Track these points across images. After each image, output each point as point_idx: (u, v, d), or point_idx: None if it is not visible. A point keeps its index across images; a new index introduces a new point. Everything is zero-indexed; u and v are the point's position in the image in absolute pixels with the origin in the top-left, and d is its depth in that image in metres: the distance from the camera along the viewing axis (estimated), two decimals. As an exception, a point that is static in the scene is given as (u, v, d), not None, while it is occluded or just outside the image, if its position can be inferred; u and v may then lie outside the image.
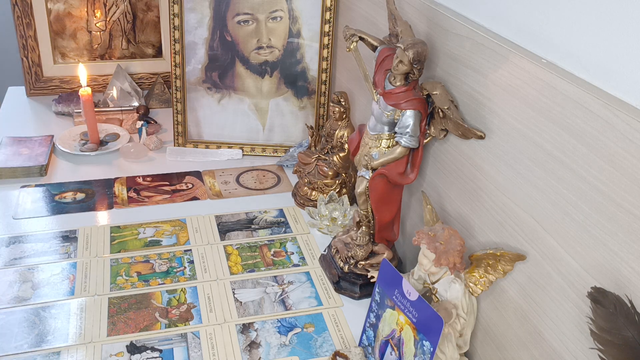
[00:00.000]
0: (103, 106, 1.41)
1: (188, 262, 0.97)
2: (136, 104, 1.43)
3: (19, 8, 1.37)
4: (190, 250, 1.00)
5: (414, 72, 0.77)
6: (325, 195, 1.09)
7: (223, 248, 1.01)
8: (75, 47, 1.47)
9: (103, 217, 1.08)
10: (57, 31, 1.44)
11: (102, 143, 1.29)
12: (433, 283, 0.74)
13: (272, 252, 1.01)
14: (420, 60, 0.75)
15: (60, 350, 0.79)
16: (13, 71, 1.78)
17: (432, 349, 0.67)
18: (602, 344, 0.49)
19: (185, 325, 0.85)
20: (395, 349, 0.74)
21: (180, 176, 1.21)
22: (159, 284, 0.92)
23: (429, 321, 0.67)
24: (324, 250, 0.99)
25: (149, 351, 0.80)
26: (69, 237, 1.01)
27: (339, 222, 1.05)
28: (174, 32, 1.23)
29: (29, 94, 1.48)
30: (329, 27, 1.21)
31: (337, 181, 1.11)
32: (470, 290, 0.72)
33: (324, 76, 1.25)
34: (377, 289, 0.77)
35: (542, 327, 0.64)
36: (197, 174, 1.22)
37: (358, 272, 0.91)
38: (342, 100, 1.07)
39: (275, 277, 0.95)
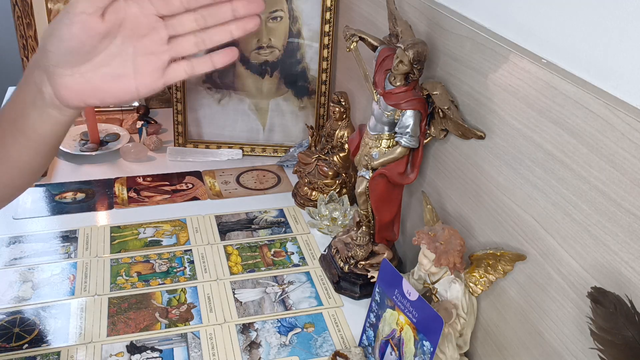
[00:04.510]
0: (103, 106, 1.41)
1: (188, 262, 0.97)
2: (136, 104, 1.43)
3: (19, 8, 1.37)
4: (191, 250, 1.00)
5: (414, 72, 0.77)
6: (325, 195, 1.09)
7: (223, 248, 1.01)
8: (75, 47, 1.47)
9: (103, 217, 1.08)
10: (57, 31, 1.44)
11: (102, 143, 1.29)
12: (433, 283, 0.74)
13: (272, 252, 1.01)
14: (420, 60, 0.75)
15: (60, 350, 0.79)
16: (13, 71, 1.77)
17: (432, 349, 0.67)
18: (602, 344, 0.49)
19: (185, 325, 0.85)
20: (395, 349, 0.74)
21: (180, 176, 1.21)
22: (159, 284, 0.92)
23: (429, 321, 0.67)
24: (324, 250, 0.99)
25: (149, 351, 0.80)
26: (69, 237, 1.01)
27: (339, 222, 1.05)
28: (174, 32, 1.23)
29: (29, 94, 1.48)
30: (329, 27, 1.21)
31: (337, 181, 1.11)
32: (470, 290, 0.72)
33: (324, 76, 1.25)
34: (377, 289, 0.77)
35: (542, 327, 0.64)
36: (197, 174, 1.22)
37: (358, 272, 0.91)
38: (342, 100, 1.07)
39: (275, 277, 0.95)
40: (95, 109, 1.30)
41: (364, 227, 0.91)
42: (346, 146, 1.09)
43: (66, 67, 0.53)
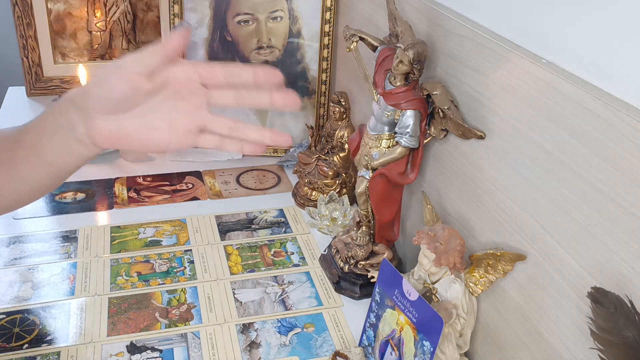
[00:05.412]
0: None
1: (188, 262, 0.97)
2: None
3: (19, 8, 1.37)
4: (191, 250, 1.00)
5: (414, 72, 0.77)
6: (325, 195, 1.09)
7: (223, 248, 1.01)
8: (75, 47, 1.48)
9: (103, 217, 1.08)
10: (57, 31, 1.44)
11: (102, 143, 1.29)
12: (433, 283, 0.74)
13: (272, 252, 1.01)
14: (420, 60, 0.75)
15: (60, 351, 0.79)
16: (13, 71, 1.77)
17: (432, 349, 0.67)
18: (602, 344, 0.49)
19: (185, 325, 0.85)
20: (395, 349, 0.74)
21: (180, 176, 1.21)
22: (159, 284, 0.92)
23: (429, 321, 0.67)
24: (324, 250, 0.99)
25: (149, 351, 0.80)
26: (69, 237, 1.01)
27: (339, 222, 1.05)
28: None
29: (29, 94, 1.48)
30: (329, 27, 1.21)
31: (337, 181, 1.11)
32: (470, 290, 0.72)
33: (324, 76, 1.25)
34: (377, 289, 0.77)
35: (542, 327, 0.64)
36: (197, 174, 1.22)
37: (358, 272, 0.91)
38: (342, 100, 1.07)
39: (275, 277, 0.95)
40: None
41: (364, 227, 0.91)
42: (346, 146, 1.09)
43: (104, 113, 0.56)
